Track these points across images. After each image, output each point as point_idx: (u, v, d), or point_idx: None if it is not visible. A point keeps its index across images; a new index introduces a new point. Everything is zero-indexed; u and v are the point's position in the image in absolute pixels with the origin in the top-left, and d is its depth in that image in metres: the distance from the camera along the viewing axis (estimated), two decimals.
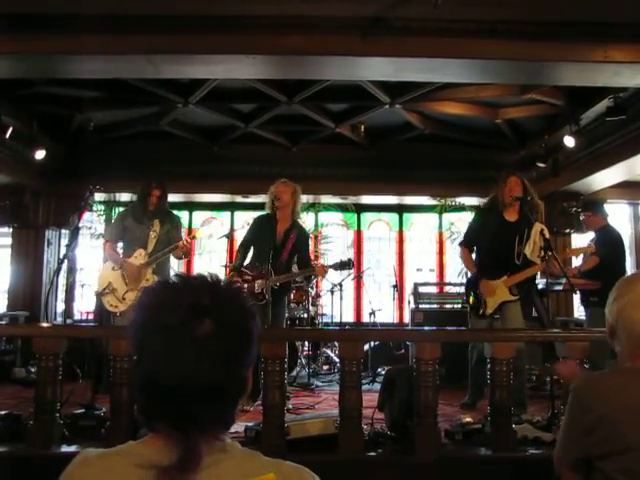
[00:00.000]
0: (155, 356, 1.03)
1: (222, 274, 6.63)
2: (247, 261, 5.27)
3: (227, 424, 1.08)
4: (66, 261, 5.14)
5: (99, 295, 5.18)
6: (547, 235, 4.58)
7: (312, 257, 7.94)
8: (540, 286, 5.26)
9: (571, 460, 1.70)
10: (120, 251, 5.26)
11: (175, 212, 5.69)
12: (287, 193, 5.17)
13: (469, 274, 5.35)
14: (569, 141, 7.00)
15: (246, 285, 5.01)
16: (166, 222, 5.20)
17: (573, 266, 6.22)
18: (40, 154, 7.33)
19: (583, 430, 1.64)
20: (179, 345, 1.01)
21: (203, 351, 1.00)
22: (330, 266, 5.22)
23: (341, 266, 5.19)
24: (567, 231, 8.63)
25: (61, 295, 8.60)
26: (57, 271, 5.97)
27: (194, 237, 5.22)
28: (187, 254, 5.18)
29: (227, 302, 1.08)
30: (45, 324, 5.91)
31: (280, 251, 5.10)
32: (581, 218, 6.08)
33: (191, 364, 1.00)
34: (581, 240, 8.42)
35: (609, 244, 5.55)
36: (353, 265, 5.30)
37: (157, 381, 1.02)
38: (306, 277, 6.20)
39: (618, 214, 9.14)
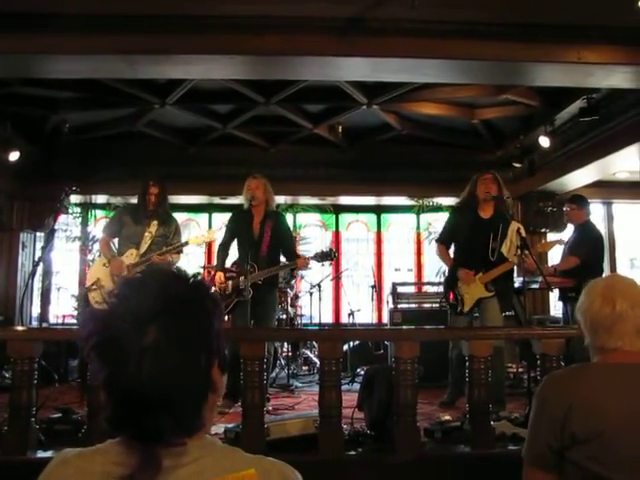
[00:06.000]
0: (104, 366, 1.00)
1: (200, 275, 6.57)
2: (233, 259, 5.21)
3: (190, 430, 1.02)
4: (41, 264, 5.05)
5: (86, 290, 5.06)
6: (523, 234, 4.62)
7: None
8: (517, 284, 5.31)
9: (536, 455, 1.73)
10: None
11: None
12: (260, 189, 5.09)
13: (447, 273, 5.38)
14: (544, 141, 7.09)
15: (230, 282, 4.96)
16: (164, 225, 5.06)
17: (550, 264, 6.28)
18: (14, 156, 7.22)
19: (551, 426, 1.67)
20: (124, 355, 0.97)
21: (148, 361, 0.96)
22: (312, 257, 5.11)
23: (322, 257, 5.09)
24: (543, 230, 8.74)
25: (36, 299, 8.49)
26: (32, 274, 5.91)
27: (171, 251, 4.97)
28: (169, 264, 4.99)
29: (179, 303, 1.03)
30: (20, 327, 5.82)
31: (259, 245, 4.97)
32: (565, 209, 6.05)
33: (137, 375, 0.96)
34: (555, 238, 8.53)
35: (589, 244, 5.57)
36: (336, 255, 5.22)
37: (109, 391, 1.00)
38: (289, 272, 6.07)
39: (592, 214, 9.27)
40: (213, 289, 4.72)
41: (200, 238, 5.17)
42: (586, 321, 1.82)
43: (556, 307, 8.03)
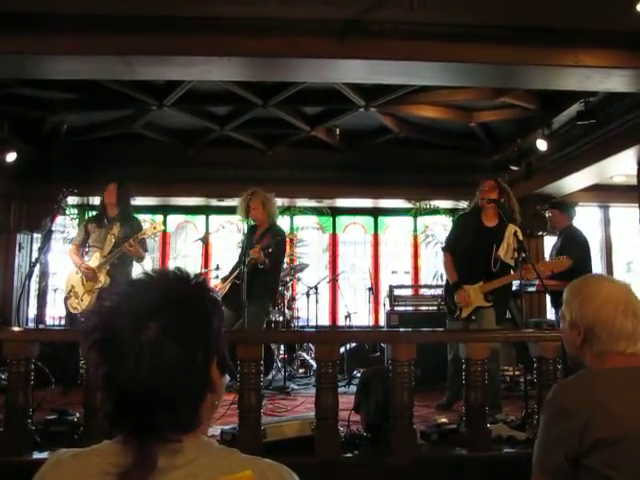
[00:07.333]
0: (104, 362, 1.01)
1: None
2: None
3: (187, 427, 1.02)
4: (38, 265, 5.07)
5: (65, 299, 5.21)
6: (521, 237, 4.58)
7: (287, 260, 7.99)
8: (514, 288, 5.30)
9: (551, 467, 1.66)
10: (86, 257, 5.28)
11: (149, 215, 5.65)
12: (259, 209, 5.30)
13: (445, 276, 5.37)
14: (541, 144, 7.10)
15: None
16: (126, 226, 5.16)
17: None
18: (11, 156, 7.20)
19: (569, 435, 1.61)
20: (123, 351, 0.98)
21: (146, 357, 0.97)
22: (263, 247, 5.12)
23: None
24: (540, 233, 8.74)
25: (33, 300, 8.45)
26: (29, 275, 5.91)
27: (137, 238, 5.05)
28: (139, 257, 5.11)
29: (180, 302, 1.04)
30: (16, 328, 5.80)
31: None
32: (547, 215, 6.10)
33: (135, 370, 0.97)
34: (552, 242, 8.53)
35: (578, 245, 5.58)
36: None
37: (108, 387, 1.01)
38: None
39: (589, 217, 9.30)
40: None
41: (150, 230, 5.22)
42: (601, 328, 1.74)
43: (552, 310, 8.02)
